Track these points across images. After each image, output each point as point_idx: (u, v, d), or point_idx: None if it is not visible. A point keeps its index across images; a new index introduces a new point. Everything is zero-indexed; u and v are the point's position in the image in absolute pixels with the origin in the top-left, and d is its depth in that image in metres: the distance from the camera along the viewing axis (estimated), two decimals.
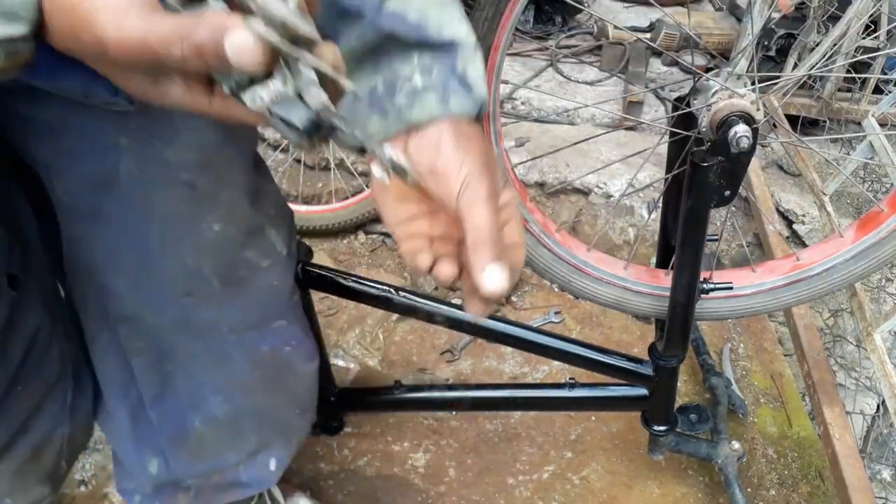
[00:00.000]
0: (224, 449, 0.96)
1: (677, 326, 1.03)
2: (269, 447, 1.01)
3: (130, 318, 0.80)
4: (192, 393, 0.88)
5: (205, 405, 0.89)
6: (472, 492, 1.35)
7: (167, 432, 0.91)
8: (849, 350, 1.95)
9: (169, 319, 0.80)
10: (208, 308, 0.81)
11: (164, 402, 0.89)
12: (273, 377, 0.92)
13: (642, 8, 2.83)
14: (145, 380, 0.86)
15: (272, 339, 0.89)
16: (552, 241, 1.04)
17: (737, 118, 0.81)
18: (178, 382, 0.87)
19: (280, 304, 0.88)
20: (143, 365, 0.85)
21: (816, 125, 2.17)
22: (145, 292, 0.78)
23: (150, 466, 0.94)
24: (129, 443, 0.94)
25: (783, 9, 2.00)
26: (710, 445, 1.24)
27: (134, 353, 0.83)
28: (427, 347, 1.66)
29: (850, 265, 1.01)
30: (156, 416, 0.89)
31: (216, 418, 0.91)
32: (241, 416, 0.93)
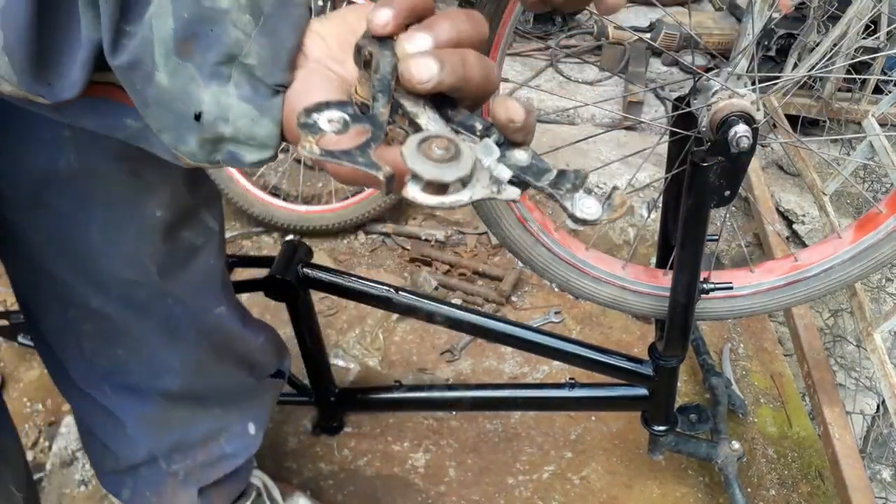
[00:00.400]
0: (188, 421, 0.97)
1: (677, 326, 1.03)
2: (242, 412, 1.02)
3: (77, 302, 0.82)
4: (145, 371, 0.90)
5: (159, 381, 0.91)
6: (472, 492, 1.35)
7: (126, 409, 0.92)
8: (849, 350, 1.95)
9: (115, 302, 0.82)
10: (152, 289, 0.83)
11: (119, 381, 0.90)
12: (222, 344, 0.94)
13: (642, 8, 2.83)
14: (98, 361, 0.88)
15: (215, 309, 0.91)
16: (551, 241, 1.04)
17: (737, 118, 0.81)
18: (131, 362, 0.89)
19: (216, 279, 0.91)
20: (94, 347, 0.87)
21: (816, 125, 2.17)
22: (90, 278, 0.80)
23: (118, 445, 0.95)
24: (93, 423, 0.95)
25: (783, 9, 2.00)
26: (710, 445, 1.24)
27: (84, 335, 0.86)
28: (427, 347, 1.66)
29: (849, 266, 1.01)
30: (113, 395, 0.91)
31: (172, 393, 0.92)
32: (196, 387, 0.94)
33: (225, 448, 1.01)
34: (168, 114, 0.45)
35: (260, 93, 0.46)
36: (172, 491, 1.00)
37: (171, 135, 0.46)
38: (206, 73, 0.45)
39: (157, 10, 0.43)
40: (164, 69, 0.44)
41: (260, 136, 0.46)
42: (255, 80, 0.45)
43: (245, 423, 1.03)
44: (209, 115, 0.45)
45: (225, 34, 0.44)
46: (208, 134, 0.46)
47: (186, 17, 0.44)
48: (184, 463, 0.99)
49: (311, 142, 0.42)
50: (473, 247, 1.94)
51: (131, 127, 0.49)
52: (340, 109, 0.44)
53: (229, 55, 0.45)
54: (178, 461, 0.98)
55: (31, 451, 1.51)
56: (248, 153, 0.47)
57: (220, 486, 1.07)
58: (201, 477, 1.01)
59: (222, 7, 0.44)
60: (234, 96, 0.45)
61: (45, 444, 1.50)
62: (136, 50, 0.43)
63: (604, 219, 0.45)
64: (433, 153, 0.42)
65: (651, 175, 1.87)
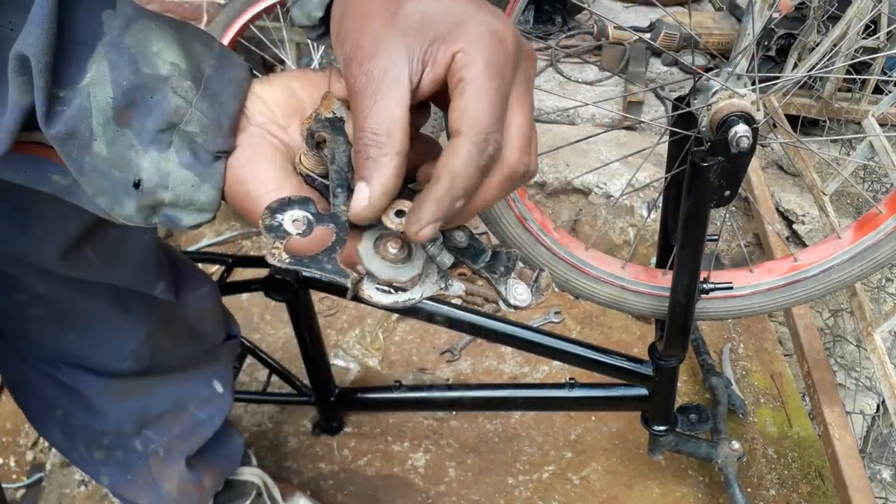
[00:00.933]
0: (149, 389, 0.96)
1: (677, 326, 1.03)
2: (203, 373, 1.02)
3: (23, 288, 0.82)
4: (97, 353, 0.89)
5: (112, 361, 0.91)
6: (472, 492, 1.35)
7: (85, 383, 0.92)
8: (849, 350, 1.95)
9: (61, 286, 0.82)
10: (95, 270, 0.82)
11: (73, 362, 0.90)
12: (168, 317, 0.93)
13: (642, 8, 2.83)
14: (49, 344, 0.88)
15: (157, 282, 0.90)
16: (551, 240, 1.04)
17: (737, 118, 0.81)
18: (82, 346, 0.88)
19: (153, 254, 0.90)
20: (44, 331, 0.87)
21: (816, 125, 2.17)
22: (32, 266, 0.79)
23: (85, 418, 0.95)
24: (57, 399, 0.95)
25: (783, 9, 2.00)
26: (710, 445, 1.24)
27: (33, 319, 0.86)
28: (427, 347, 1.66)
29: (848, 266, 1.01)
30: (70, 371, 0.91)
31: (125, 371, 0.92)
32: (150, 361, 0.93)
33: (198, 415, 1.01)
34: (105, 181, 0.45)
35: (201, 159, 0.45)
36: (158, 469, 1.00)
37: (108, 199, 0.46)
38: (145, 140, 0.44)
39: (94, 77, 0.42)
40: (102, 138, 0.43)
41: (200, 202, 0.46)
42: (197, 146, 0.45)
43: (209, 383, 1.02)
44: (149, 182, 0.45)
45: (165, 101, 0.44)
46: (147, 200, 0.45)
47: (125, 85, 0.43)
48: (161, 440, 0.98)
49: (280, 248, 0.42)
50: None
51: (58, 182, 0.48)
52: (303, 208, 0.44)
53: (170, 122, 0.44)
54: (155, 440, 0.98)
55: (32, 451, 1.51)
56: (186, 217, 0.47)
57: (208, 461, 1.07)
58: (183, 447, 1.01)
59: (162, 74, 0.44)
60: (175, 163, 0.45)
61: (45, 444, 1.50)
62: (73, 119, 0.42)
63: (533, 303, 0.47)
64: (388, 253, 0.44)
65: (651, 175, 1.87)
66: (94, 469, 1.02)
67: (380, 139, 0.41)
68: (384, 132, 0.41)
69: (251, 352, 1.35)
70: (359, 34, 0.43)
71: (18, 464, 1.49)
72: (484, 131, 0.41)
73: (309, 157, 0.47)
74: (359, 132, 0.42)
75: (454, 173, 0.41)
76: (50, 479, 1.37)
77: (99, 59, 0.42)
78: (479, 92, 0.41)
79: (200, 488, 1.07)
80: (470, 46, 0.41)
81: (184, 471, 1.02)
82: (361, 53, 0.42)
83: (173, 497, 1.03)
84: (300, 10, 0.50)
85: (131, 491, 1.02)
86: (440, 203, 0.41)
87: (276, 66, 2.36)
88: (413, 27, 0.42)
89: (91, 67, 0.42)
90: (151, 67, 0.44)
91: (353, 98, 0.43)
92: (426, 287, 0.45)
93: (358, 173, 0.43)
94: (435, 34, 0.42)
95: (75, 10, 0.42)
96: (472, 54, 0.41)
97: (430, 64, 0.42)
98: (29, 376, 0.94)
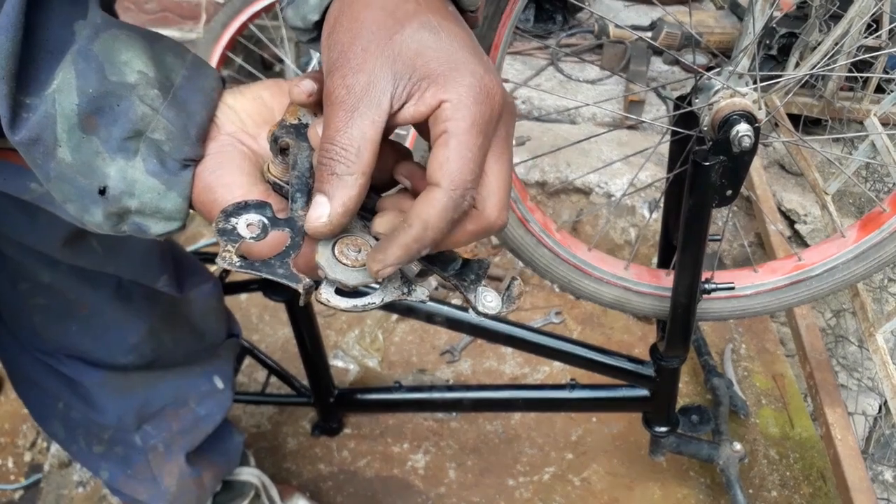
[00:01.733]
0: (151, 383, 0.96)
1: (679, 327, 1.03)
2: (204, 369, 1.02)
3: (27, 277, 0.82)
4: (99, 346, 0.90)
5: (113, 355, 0.91)
6: (472, 493, 1.35)
7: (86, 374, 0.92)
8: (851, 351, 1.94)
9: (65, 276, 0.82)
10: (99, 260, 0.82)
11: (75, 355, 0.90)
12: (170, 311, 0.94)
13: (643, 6, 2.82)
14: (50, 335, 0.88)
15: (160, 276, 0.91)
16: (553, 241, 1.04)
17: (738, 117, 0.81)
18: (85, 339, 0.88)
19: (158, 246, 0.90)
20: (46, 321, 0.87)
21: (818, 124, 2.17)
22: (37, 255, 0.79)
23: (85, 410, 0.95)
24: (58, 391, 0.94)
25: (785, 7, 1.99)
26: (711, 446, 1.24)
27: (36, 309, 0.86)
28: (427, 348, 1.65)
29: (852, 265, 1.00)
30: (70, 363, 0.91)
31: (127, 365, 0.92)
32: (151, 357, 0.93)
33: (198, 411, 1.02)
34: (71, 188, 0.45)
35: (167, 167, 0.45)
36: (157, 465, 1.00)
37: (76, 206, 0.46)
38: (111, 147, 0.44)
39: (60, 85, 0.43)
40: (66, 144, 0.44)
41: (167, 210, 0.47)
42: (163, 154, 0.45)
43: (210, 379, 1.03)
44: (115, 189, 0.45)
45: (131, 109, 0.44)
46: (113, 208, 0.46)
47: (91, 93, 0.43)
48: (160, 436, 0.98)
49: (231, 251, 0.42)
50: (473, 247, 1.94)
51: (36, 190, 0.49)
52: (259, 212, 0.44)
53: (136, 130, 0.45)
54: (155, 435, 0.98)
55: (30, 452, 1.51)
56: (154, 225, 0.47)
57: (207, 458, 1.07)
58: (183, 443, 1.02)
59: (129, 82, 0.44)
60: (141, 170, 0.45)
61: (43, 444, 1.50)
62: (38, 125, 0.43)
63: (503, 312, 0.47)
64: (347, 256, 0.43)
65: (652, 175, 1.87)
66: (93, 463, 1.02)
67: (348, 156, 0.41)
68: (354, 150, 0.41)
69: (250, 352, 1.34)
70: (349, 45, 0.43)
71: (16, 465, 1.49)
72: (462, 187, 0.41)
73: (277, 164, 0.47)
74: (327, 143, 0.42)
75: (427, 223, 0.41)
76: (48, 480, 1.37)
77: (66, 67, 0.43)
78: (462, 148, 0.41)
79: (200, 484, 1.06)
80: (459, 100, 0.41)
81: (183, 466, 1.02)
82: (347, 65, 0.42)
83: (172, 492, 1.03)
84: (295, 12, 0.50)
85: (130, 486, 1.02)
86: (407, 249, 0.42)
87: (274, 64, 2.36)
88: (406, 55, 0.42)
89: (58, 74, 0.43)
90: (119, 76, 0.44)
91: (328, 107, 0.42)
92: (388, 292, 0.45)
93: (319, 185, 0.42)
94: (427, 71, 0.42)
95: (46, 20, 0.43)
96: (460, 109, 0.41)
97: (416, 99, 0.42)
98: (31, 368, 0.94)
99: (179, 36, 2.30)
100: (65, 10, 0.44)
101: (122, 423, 0.96)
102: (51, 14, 0.43)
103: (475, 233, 0.44)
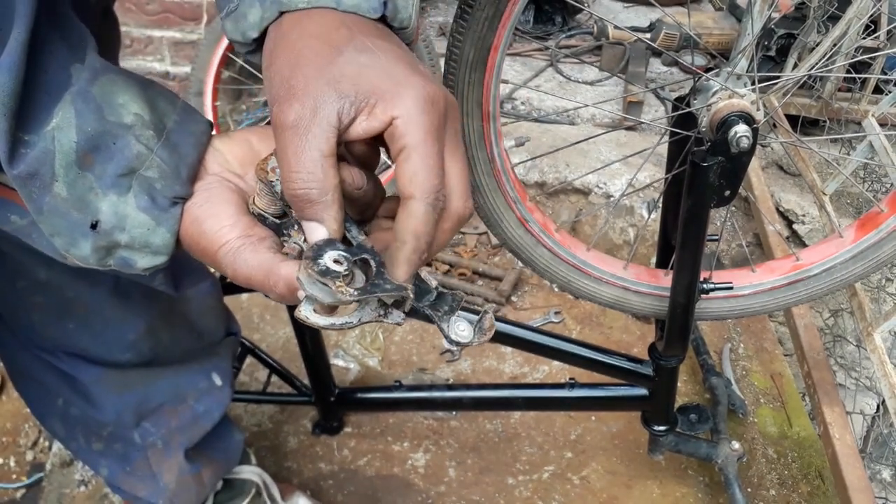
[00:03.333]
0: (149, 380, 0.97)
1: (677, 326, 1.03)
2: (202, 366, 1.03)
3: (25, 274, 0.83)
4: (97, 344, 0.90)
5: (112, 353, 0.91)
6: (472, 492, 1.35)
7: (84, 371, 0.92)
8: (849, 350, 1.95)
9: (62, 274, 0.82)
10: None
11: (73, 352, 0.91)
12: (168, 309, 0.94)
13: (642, 8, 2.83)
14: (49, 332, 0.89)
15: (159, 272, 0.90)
16: (552, 241, 1.04)
17: (737, 118, 0.81)
18: (83, 337, 0.89)
19: None
20: (45, 319, 0.87)
21: (816, 125, 2.17)
22: (34, 253, 0.79)
23: (83, 407, 0.95)
24: (58, 387, 0.95)
25: (783, 8, 2.00)
26: (710, 445, 1.24)
27: (34, 307, 0.86)
28: (427, 347, 1.66)
29: (850, 265, 1.01)
30: (69, 359, 0.91)
31: (125, 362, 0.92)
32: (149, 355, 0.94)
33: (196, 408, 1.02)
34: (63, 221, 0.47)
35: (158, 204, 0.48)
36: (156, 462, 1.00)
37: (64, 240, 0.48)
38: (106, 183, 0.46)
39: (60, 123, 0.45)
40: (63, 179, 0.45)
41: (155, 244, 0.49)
42: (155, 191, 0.47)
43: (208, 376, 1.03)
44: (106, 223, 0.47)
45: (127, 147, 0.46)
46: (103, 241, 0.48)
47: (90, 131, 0.45)
48: (159, 433, 0.99)
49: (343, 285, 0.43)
50: (473, 247, 1.94)
51: (16, 223, 0.51)
52: (332, 248, 0.45)
53: (130, 168, 0.47)
54: (153, 432, 0.99)
55: (31, 451, 1.51)
56: (141, 259, 0.49)
57: (207, 455, 1.07)
58: (182, 440, 1.02)
59: (126, 122, 0.46)
60: (133, 206, 0.47)
61: (45, 443, 1.51)
62: (36, 161, 0.44)
63: (475, 342, 0.50)
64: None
65: (651, 175, 1.87)
66: (93, 460, 1.03)
67: (313, 179, 0.44)
68: (320, 172, 0.44)
69: (251, 352, 1.35)
70: (290, 75, 0.45)
71: (18, 464, 1.49)
72: (433, 192, 0.45)
73: (262, 196, 0.49)
74: (292, 173, 0.44)
75: (417, 234, 0.45)
76: (50, 479, 1.37)
77: (66, 107, 0.45)
78: (424, 157, 0.44)
79: (199, 481, 1.07)
80: (408, 114, 0.44)
81: (182, 463, 1.03)
82: (292, 93, 0.44)
83: (171, 489, 1.03)
84: (234, 25, 0.51)
85: (130, 483, 1.02)
86: (411, 262, 0.46)
87: None
88: (349, 76, 0.44)
89: (58, 114, 0.45)
90: (116, 116, 0.46)
91: (280, 136, 0.44)
92: (364, 313, 0.47)
93: (303, 214, 0.45)
94: (371, 87, 0.44)
95: (46, 62, 0.45)
96: (411, 123, 0.44)
97: (366, 114, 0.45)
98: (30, 365, 0.94)
99: (181, 37, 2.30)
100: (63, 54, 0.46)
101: (121, 420, 0.96)
102: (50, 57, 0.45)
103: (451, 228, 0.48)
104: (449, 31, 0.82)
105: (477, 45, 0.81)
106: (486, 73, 0.84)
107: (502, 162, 0.93)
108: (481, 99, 0.85)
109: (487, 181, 0.93)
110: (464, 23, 0.79)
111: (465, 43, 0.81)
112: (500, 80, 0.88)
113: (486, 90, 0.85)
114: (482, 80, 0.84)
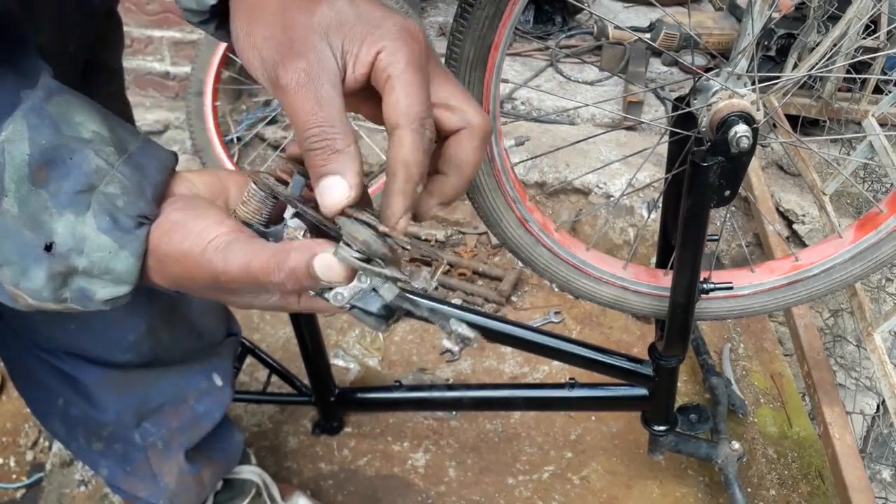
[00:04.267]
0: (150, 381, 0.97)
1: (677, 326, 1.03)
2: (203, 367, 1.02)
3: None
4: (98, 344, 0.90)
5: (112, 354, 0.91)
6: (472, 492, 1.35)
7: (85, 372, 0.92)
8: (849, 350, 1.95)
9: None
10: None
11: (74, 352, 0.90)
12: (169, 308, 0.94)
13: (642, 8, 2.83)
14: (50, 333, 0.88)
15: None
16: (551, 241, 1.04)
17: (737, 118, 0.81)
18: (85, 337, 0.89)
19: None
20: (46, 318, 0.86)
21: (816, 125, 2.17)
22: None
23: (84, 407, 0.95)
24: (58, 387, 0.95)
25: (783, 9, 2.00)
26: (710, 445, 1.24)
27: None
28: (427, 347, 1.66)
29: (849, 266, 1.01)
30: (70, 360, 0.91)
31: (125, 363, 0.92)
32: (150, 355, 0.94)
33: (197, 408, 1.02)
34: (12, 244, 0.43)
35: (121, 224, 0.44)
36: (157, 462, 1.00)
37: (14, 269, 0.44)
38: (62, 202, 0.43)
39: (10, 135, 0.42)
40: (14, 195, 0.42)
41: (117, 271, 0.45)
42: (116, 210, 0.44)
43: (208, 376, 1.03)
44: (62, 245, 0.43)
45: (86, 162, 0.43)
46: (59, 266, 0.44)
47: (44, 144, 0.42)
48: (159, 433, 0.99)
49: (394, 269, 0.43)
50: (473, 247, 1.94)
51: None
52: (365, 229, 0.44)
53: (89, 184, 0.43)
54: (154, 432, 0.98)
55: (31, 451, 1.51)
56: (101, 289, 0.45)
57: (207, 455, 1.07)
58: (183, 440, 1.02)
59: (84, 137, 0.43)
60: (92, 227, 0.43)
61: (45, 443, 1.51)
62: None
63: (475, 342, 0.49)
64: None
65: (651, 175, 1.87)
66: (93, 460, 1.03)
67: (335, 131, 0.43)
68: (339, 123, 0.43)
69: (251, 352, 1.35)
70: (280, 37, 0.44)
71: (18, 464, 1.49)
72: (419, 118, 0.43)
73: (249, 203, 0.48)
74: (312, 127, 0.43)
75: (406, 162, 0.43)
76: (50, 479, 1.37)
77: (17, 121, 0.42)
78: (408, 85, 0.43)
79: (199, 481, 1.07)
80: (391, 45, 0.44)
81: (183, 464, 1.03)
82: (294, 50, 0.43)
83: (172, 489, 1.03)
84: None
85: (130, 483, 1.02)
86: (405, 193, 0.44)
87: None
88: (332, 26, 0.44)
89: (7, 127, 0.42)
90: (74, 131, 0.43)
91: (290, 96, 0.43)
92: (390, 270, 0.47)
93: (323, 168, 0.43)
94: (354, 34, 0.44)
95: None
96: (394, 52, 0.44)
97: (352, 63, 0.44)
98: (31, 365, 0.94)
99: (181, 37, 2.30)
100: (9, 79, 0.43)
101: (121, 421, 0.96)
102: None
103: (479, 147, 0.48)
104: (449, 31, 0.82)
105: (477, 44, 0.81)
106: (486, 73, 0.84)
107: (502, 161, 0.93)
108: (481, 98, 0.86)
109: (487, 181, 0.93)
110: (464, 22, 0.80)
111: (465, 42, 0.81)
112: (501, 80, 0.88)
113: (487, 89, 0.85)
114: (482, 79, 0.84)
